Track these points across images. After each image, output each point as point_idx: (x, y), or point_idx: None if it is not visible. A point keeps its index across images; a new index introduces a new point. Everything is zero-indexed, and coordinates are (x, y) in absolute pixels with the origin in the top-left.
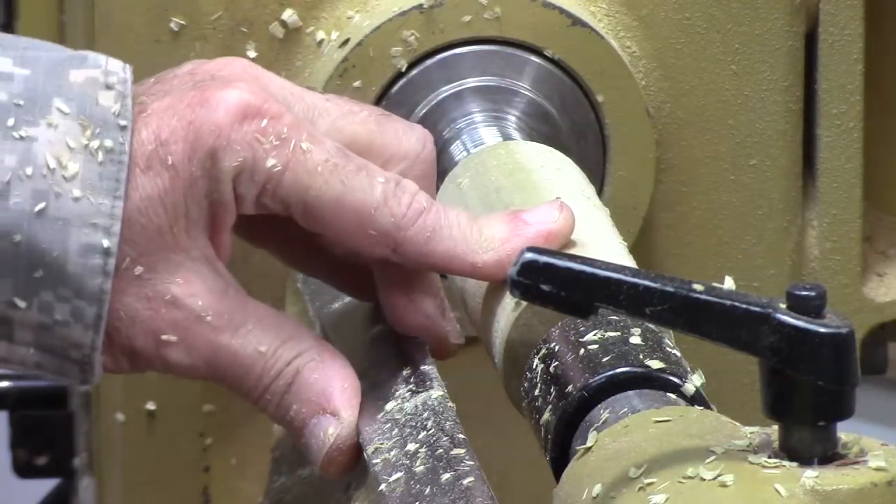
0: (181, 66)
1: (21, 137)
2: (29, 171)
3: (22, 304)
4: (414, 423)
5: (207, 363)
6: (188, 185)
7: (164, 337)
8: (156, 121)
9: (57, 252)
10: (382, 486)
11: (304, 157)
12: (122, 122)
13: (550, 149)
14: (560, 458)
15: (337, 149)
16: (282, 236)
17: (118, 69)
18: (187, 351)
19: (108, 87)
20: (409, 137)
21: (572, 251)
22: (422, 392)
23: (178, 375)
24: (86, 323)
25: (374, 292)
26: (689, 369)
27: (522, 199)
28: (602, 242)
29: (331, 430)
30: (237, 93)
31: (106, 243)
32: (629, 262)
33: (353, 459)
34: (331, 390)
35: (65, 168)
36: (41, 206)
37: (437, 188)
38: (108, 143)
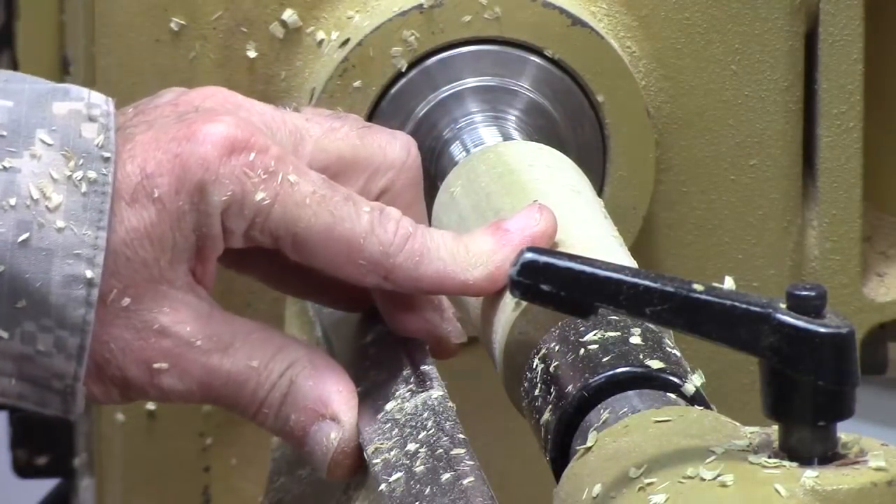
0: (161, 94)
1: (4, 168)
2: (12, 201)
3: (4, 334)
4: (414, 423)
5: (201, 386)
6: (175, 219)
7: (155, 365)
8: (141, 154)
9: (40, 282)
10: (382, 486)
11: (292, 189)
12: (106, 154)
13: (540, 146)
14: (560, 458)
15: (322, 180)
16: (268, 264)
17: (101, 102)
18: (180, 377)
19: (92, 119)
20: (393, 147)
21: (560, 248)
22: (422, 392)
23: (174, 401)
24: (68, 353)
25: (369, 305)
26: (689, 369)
27: (511, 202)
28: (592, 237)
29: (333, 435)
30: (223, 126)
31: (89, 274)
32: (623, 254)
33: (358, 461)
34: (327, 395)
35: (48, 199)
36: (24, 236)
37: (436, 192)
38: (92, 174)
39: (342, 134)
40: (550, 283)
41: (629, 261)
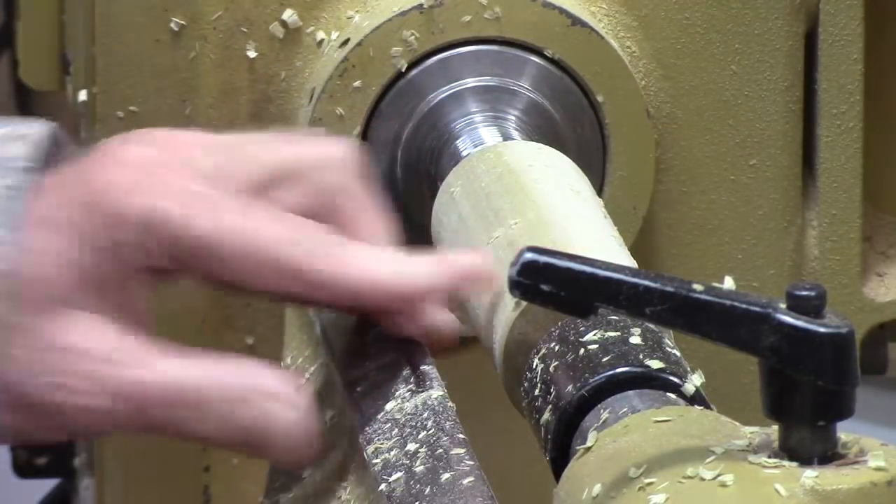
0: (111, 139)
1: None
2: None
3: None
4: (414, 423)
5: (126, 401)
6: (85, 243)
7: (65, 383)
8: (59, 185)
9: None
10: (382, 486)
11: (207, 207)
12: (27, 164)
13: (540, 146)
14: (560, 458)
15: (239, 197)
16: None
17: (38, 126)
18: (101, 395)
19: (21, 137)
20: (328, 149)
21: (560, 248)
22: (422, 392)
23: (102, 427)
24: None
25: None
26: (689, 369)
27: (511, 202)
28: (592, 237)
29: (280, 415)
30: (134, 154)
31: (3, 266)
32: (623, 254)
33: (312, 438)
34: (266, 384)
35: None
36: None
37: (436, 192)
38: (9, 181)
39: (273, 146)
40: (550, 283)
41: (629, 261)
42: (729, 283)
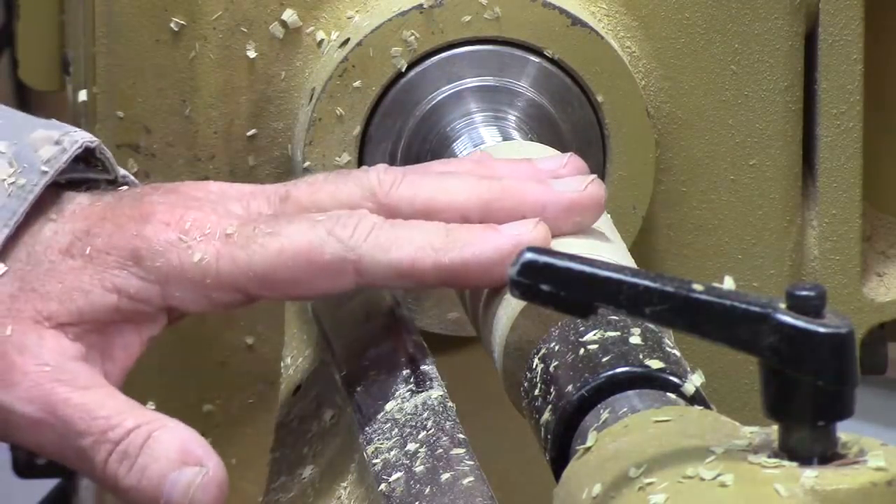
0: (163, 185)
1: None
2: None
3: None
4: (414, 423)
5: (43, 407)
6: (95, 273)
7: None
8: (93, 219)
9: None
10: (382, 486)
11: (231, 239)
12: (45, 169)
13: (521, 142)
14: (560, 458)
15: (267, 217)
16: None
17: (81, 136)
18: (27, 398)
19: (57, 143)
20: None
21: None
22: (422, 392)
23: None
24: None
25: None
26: (688, 369)
27: None
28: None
29: (196, 479)
30: (163, 207)
31: None
32: (599, 240)
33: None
34: (190, 446)
35: None
36: None
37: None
38: (22, 181)
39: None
40: (550, 283)
41: (625, 257)
42: (729, 283)
